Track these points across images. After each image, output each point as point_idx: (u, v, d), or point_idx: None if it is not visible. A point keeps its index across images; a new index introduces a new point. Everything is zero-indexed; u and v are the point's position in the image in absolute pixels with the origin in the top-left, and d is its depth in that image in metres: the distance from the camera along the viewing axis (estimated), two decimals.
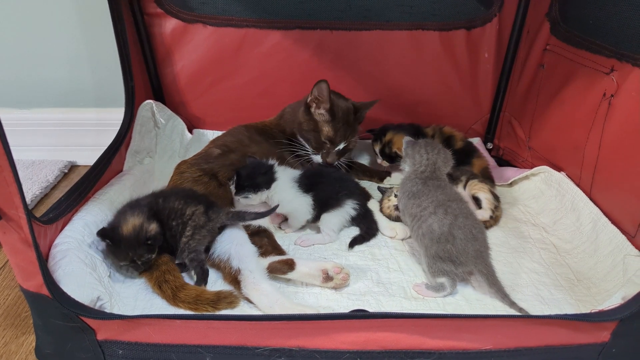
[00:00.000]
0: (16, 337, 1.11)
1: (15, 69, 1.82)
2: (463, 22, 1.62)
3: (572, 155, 1.38)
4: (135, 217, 1.13)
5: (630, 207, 1.16)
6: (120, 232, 1.11)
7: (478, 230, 1.12)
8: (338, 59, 1.66)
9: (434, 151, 1.24)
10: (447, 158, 1.26)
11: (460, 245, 1.09)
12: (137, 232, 1.11)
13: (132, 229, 1.11)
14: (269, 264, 1.14)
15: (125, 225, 1.12)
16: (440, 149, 1.26)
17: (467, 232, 1.10)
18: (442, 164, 1.25)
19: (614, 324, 0.90)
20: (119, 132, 1.53)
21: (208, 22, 1.61)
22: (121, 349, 0.91)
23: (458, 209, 1.14)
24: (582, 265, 1.21)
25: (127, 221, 1.13)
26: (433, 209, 1.14)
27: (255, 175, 1.26)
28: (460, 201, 1.17)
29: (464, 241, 1.09)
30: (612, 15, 1.23)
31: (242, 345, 0.89)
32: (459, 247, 1.09)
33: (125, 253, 1.11)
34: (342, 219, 1.32)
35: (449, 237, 1.10)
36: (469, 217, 1.13)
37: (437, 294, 1.12)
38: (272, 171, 1.28)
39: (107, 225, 1.16)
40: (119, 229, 1.12)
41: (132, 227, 1.12)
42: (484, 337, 0.90)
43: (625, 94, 1.19)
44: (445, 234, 1.10)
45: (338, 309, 1.08)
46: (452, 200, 1.16)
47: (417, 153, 1.25)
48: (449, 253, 1.09)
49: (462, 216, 1.12)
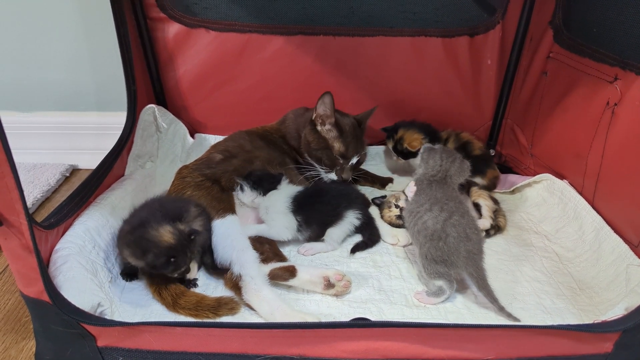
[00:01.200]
0: (16, 342, 1.10)
1: (17, 71, 1.82)
2: (466, 29, 1.62)
3: (574, 163, 1.38)
4: (162, 227, 1.06)
5: (634, 216, 1.15)
6: (163, 247, 1.03)
7: (472, 231, 1.12)
8: (340, 64, 1.66)
9: (448, 159, 1.24)
10: (463, 169, 1.25)
11: (452, 244, 1.09)
12: (177, 235, 1.06)
13: (171, 235, 1.05)
14: (270, 270, 1.14)
15: (160, 238, 1.04)
16: (456, 159, 1.25)
17: (461, 230, 1.10)
18: (455, 172, 1.24)
19: (616, 334, 0.90)
20: (121, 136, 1.53)
21: (211, 27, 1.61)
22: (121, 356, 0.91)
23: (454, 207, 1.14)
24: (585, 274, 1.20)
25: (160, 234, 1.05)
26: (429, 205, 1.15)
27: (263, 179, 1.31)
28: (459, 202, 1.17)
29: (457, 240, 1.09)
30: (616, 23, 1.23)
31: (243, 353, 0.89)
32: (451, 246, 1.09)
33: (183, 257, 1.05)
34: (345, 230, 1.32)
35: (441, 235, 1.10)
36: (464, 216, 1.13)
37: (437, 299, 1.11)
38: (277, 183, 1.32)
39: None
40: (157, 249, 1.03)
41: (169, 233, 1.05)
42: (486, 347, 0.90)
43: (628, 102, 1.19)
44: (438, 231, 1.10)
45: (339, 316, 1.07)
46: (450, 199, 1.16)
47: (431, 158, 1.26)
48: (441, 251, 1.09)
49: (458, 214, 1.12)
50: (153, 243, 1.03)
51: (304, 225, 1.28)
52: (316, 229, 1.30)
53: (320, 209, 1.30)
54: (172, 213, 1.11)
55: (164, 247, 1.03)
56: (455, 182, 1.24)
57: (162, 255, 1.03)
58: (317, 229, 1.30)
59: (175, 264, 1.05)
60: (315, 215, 1.29)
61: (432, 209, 1.14)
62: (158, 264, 1.03)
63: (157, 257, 1.02)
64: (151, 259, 1.02)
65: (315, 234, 1.30)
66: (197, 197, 1.26)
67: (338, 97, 1.67)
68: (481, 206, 1.36)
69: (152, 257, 1.02)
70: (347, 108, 1.65)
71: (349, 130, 1.47)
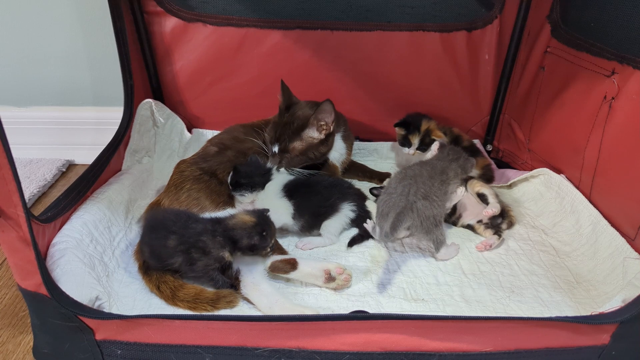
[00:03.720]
0: (13, 336, 1.10)
1: (13, 66, 1.81)
2: (464, 24, 1.62)
3: (572, 157, 1.38)
4: (237, 215, 1.12)
5: (630, 209, 1.16)
6: (249, 227, 1.08)
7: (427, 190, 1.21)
8: (338, 59, 1.66)
9: (454, 156, 1.36)
10: (466, 166, 1.36)
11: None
12: (253, 213, 1.12)
13: (249, 215, 1.11)
14: (272, 262, 1.14)
15: (244, 221, 1.09)
16: (462, 156, 1.37)
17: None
18: (458, 165, 1.34)
19: (614, 326, 0.90)
20: (118, 131, 1.52)
21: (208, 21, 1.60)
22: (120, 349, 0.91)
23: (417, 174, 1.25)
24: (582, 268, 1.21)
25: (241, 219, 1.10)
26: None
27: (254, 175, 1.29)
28: (427, 176, 1.25)
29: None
30: (613, 18, 1.23)
31: (242, 346, 0.89)
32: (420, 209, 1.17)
33: (269, 230, 1.10)
34: (341, 222, 1.32)
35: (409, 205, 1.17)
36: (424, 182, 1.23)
37: (454, 249, 1.25)
38: (270, 173, 1.33)
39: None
40: (247, 231, 1.08)
41: (246, 215, 1.11)
42: (484, 339, 0.90)
43: (626, 96, 1.19)
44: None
45: (338, 310, 1.08)
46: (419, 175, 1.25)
47: (440, 153, 1.39)
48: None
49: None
50: (240, 229, 1.08)
51: (296, 213, 1.28)
52: (309, 219, 1.30)
53: (311, 199, 1.30)
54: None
55: (250, 227, 1.08)
56: (455, 172, 1.32)
57: (255, 233, 1.08)
58: (310, 219, 1.30)
59: (270, 236, 1.10)
60: (307, 204, 1.29)
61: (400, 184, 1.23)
62: (256, 243, 1.08)
63: (251, 237, 1.07)
64: (246, 241, 1.07)
65: (309, 224, 1.30)
66: (196, 190, 1.26)
67: (335, 91, 1.67)
68: (486, 195, 1.35)
69: (246, 239, 1.07)
70: (345, 102, 1.65)
71: (275, 118, 1.45)
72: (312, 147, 1.41)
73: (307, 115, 1.40)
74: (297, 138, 1.39)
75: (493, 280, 1.18)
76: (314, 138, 1.40)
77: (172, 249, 1.08)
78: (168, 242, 1.08)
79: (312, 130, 1.40)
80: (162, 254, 1.09)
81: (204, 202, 1.25)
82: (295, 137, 1.39)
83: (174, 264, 1.08)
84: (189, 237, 1.08)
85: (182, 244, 1.07)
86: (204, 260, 1.07)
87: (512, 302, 1.10)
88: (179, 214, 1.14)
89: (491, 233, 1.32)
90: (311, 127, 1.39)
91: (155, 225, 1.12)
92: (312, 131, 1.40)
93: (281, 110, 1.45)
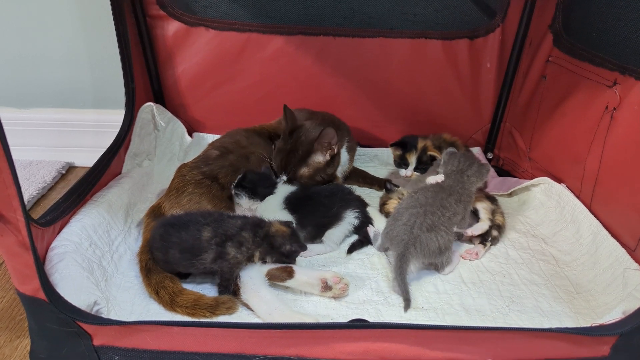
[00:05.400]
0: (10, 340, 1.09)
1: (14, 68, 1.81)
2: (466, 32, 1.62)
3: (572, 167, 1.38)
4: (272, 223, 1.17)
5: (631, 220, 1.16)
6: (287, 235, 1.14)
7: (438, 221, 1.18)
8: (340, 65, 1.66)
9: (466, 163, 1.33)
10: (481, 172, 1.33)
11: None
12: (285, 223, 1.17)
13: (282, 225, 1.16)
14: (268, 270, 1.13)
15: (281, 230, 1.14)
16: (474, 162, 1.34)
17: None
18: (472, 173, 1.31)
19: (614, 338, 0.90)
20: (119, 134, 1.52)
21: (211, 26, 1.60)
22: (117, 355, 0.90)
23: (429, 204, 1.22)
24: (582, 278, 1.20)
25: (278, 228, 1.15)
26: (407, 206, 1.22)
27: (258, 185, 1.29)
28: (443, 207, 1.21)
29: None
30: (615, 28, 1.24)
31: (241, 354, 0.88)
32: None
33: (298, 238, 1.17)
34: (345, 230, 1.32)
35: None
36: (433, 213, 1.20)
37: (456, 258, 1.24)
38: (274, 187, 1.32)
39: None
40: (285, 239, 1.14)
41: (279, 224, 1.16)
42: (484, 349, 0.90)
43: (627, 107, 1.19)
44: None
45: (337, 317, 1.07)
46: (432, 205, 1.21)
47: (450, 162, 1.34)
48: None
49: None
50: (281, 237, 1.14)
51: (299, 226, 1.27)
52: (312, 230, 1.29)
53: (313, 211, 1.29)
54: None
55: (289, 235, 1.14)
56: (473, 183, 1.30)
57: (294, 241, 1.14)
58: (313, 230, 1.29)
59: (301, 245, 1.16)
60: (309, 217, 1.28)
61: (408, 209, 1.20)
62: (296, 249, 1.15)
63: (292, 244, 1.14)
64: (288, 247, 1.14)
65: (312, 235, 1.30)
66: (198, 194, 1.26)
67: (337, 97, 1.68)
68: (479, 210, 1.35)
69: (288, 246, 1.14)
70: (346, 108, 1.65)
71: (280, 143, 1.43)
72: (320, 170, 1.42)
73: (311, 140, 1.39)
74: (303, 165, 1.40)
75: (493, 290, 1.17)
76: (320, 162, 1.41)
77: (206, 241, 1.08)
78: (203, 234, 1.09)
79: (317, 156, 1.40)
80: (194, 248, 1.09)
81: (205, 207, 1.25)
82: (301, 164, 1.40)
83: (206, 259, 1.09)
84: (226, 229, 1.10)
85: (218, 236, 1.09)
86: (236, 254, 1.09)
87: (512, 312, 1.10)
88: (204, 212, 1.19)
89: (477, 242, 1.31)
90: (316, 152, 1.40)
91: (179, 224, 1.12)
92: (318, 156, 1.40)
93: (285, 136, 1.43)
